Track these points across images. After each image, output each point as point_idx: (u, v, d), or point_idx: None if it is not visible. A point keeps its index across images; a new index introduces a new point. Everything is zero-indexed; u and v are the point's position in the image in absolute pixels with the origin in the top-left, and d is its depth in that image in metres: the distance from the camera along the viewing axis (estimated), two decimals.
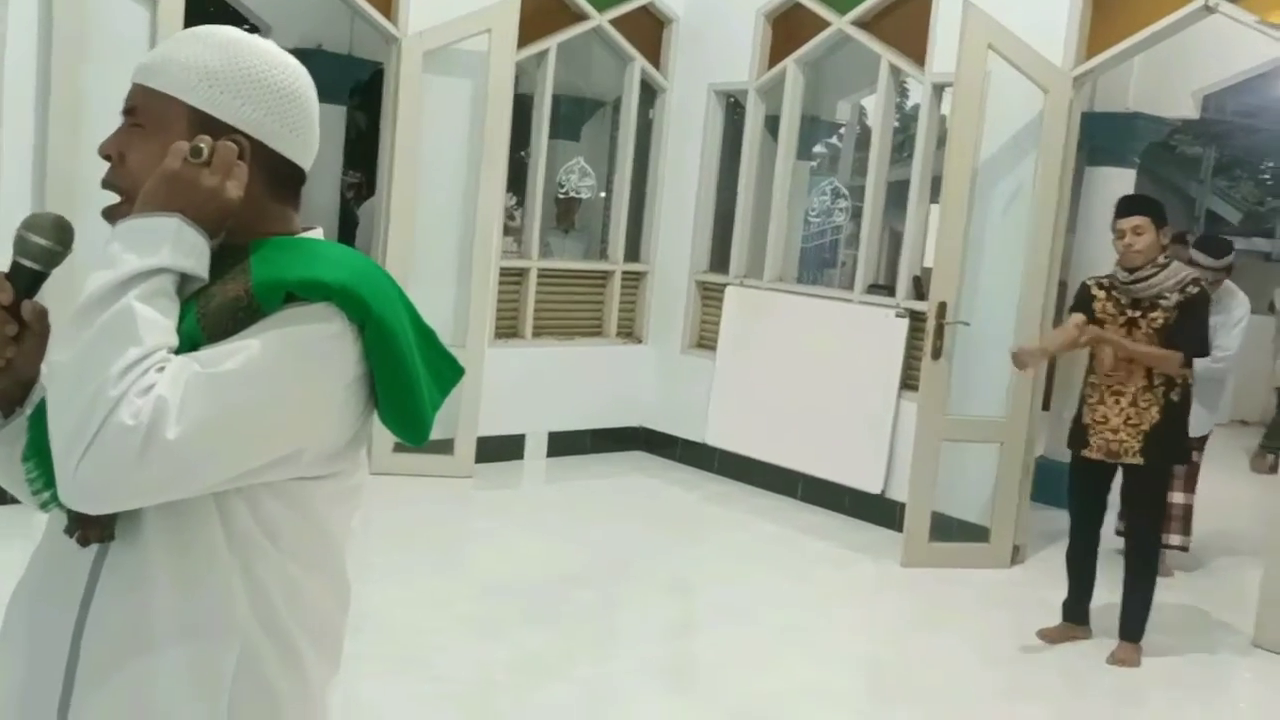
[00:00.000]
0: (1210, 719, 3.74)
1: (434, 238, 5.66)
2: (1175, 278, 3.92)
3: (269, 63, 1.21)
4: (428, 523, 5.03)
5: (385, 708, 3.17)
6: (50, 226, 1.20)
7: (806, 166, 6.78)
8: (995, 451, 5.02)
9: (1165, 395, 3.91)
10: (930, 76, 5.47)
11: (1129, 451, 3.93)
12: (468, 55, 5.62)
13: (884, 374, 5.54)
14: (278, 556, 1.17)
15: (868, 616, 4.49)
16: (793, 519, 5.60)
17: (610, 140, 6.96)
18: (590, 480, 6.10)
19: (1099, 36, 4.93)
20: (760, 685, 3.61)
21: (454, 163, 5.69)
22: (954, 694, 3.69)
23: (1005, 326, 4.98)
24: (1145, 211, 3.97)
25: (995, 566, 4.99)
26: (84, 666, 1.14)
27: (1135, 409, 3.92)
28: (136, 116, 1.20)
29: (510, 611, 4.07)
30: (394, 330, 1.14)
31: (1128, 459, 3.95)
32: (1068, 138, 4.94)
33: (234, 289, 1.12)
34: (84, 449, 1.01)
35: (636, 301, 6.77)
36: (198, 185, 1.12)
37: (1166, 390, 3.91)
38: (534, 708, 3.31)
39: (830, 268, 8.71)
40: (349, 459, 1.20)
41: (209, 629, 1.14)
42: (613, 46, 6.45)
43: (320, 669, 1.24)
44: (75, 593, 1.16)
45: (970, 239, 4.93)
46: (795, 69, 6.06)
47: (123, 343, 1.04)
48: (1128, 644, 4.05)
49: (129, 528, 1.14)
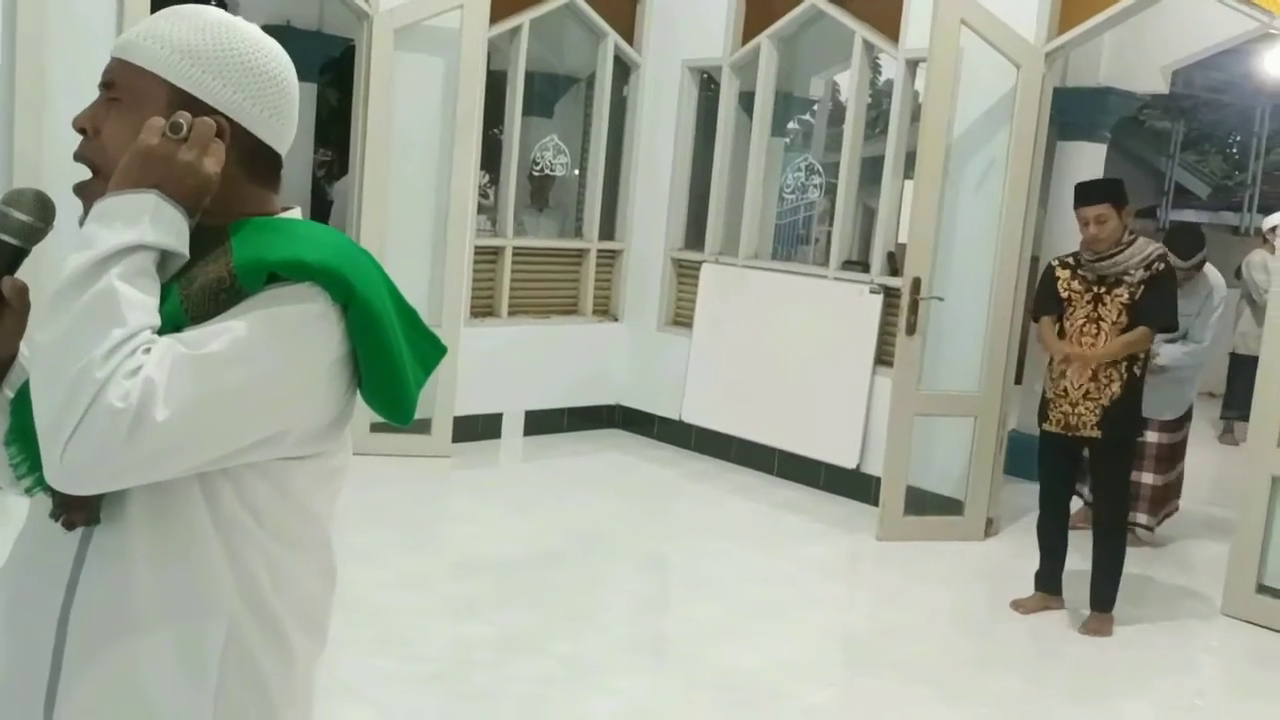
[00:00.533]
0: (1179, 686, 3.80)
1: (407, 216, 5.62)
2: (1140, 254, 3.94)
3: (253, 46, 1.20)
4: (405, 502, 5.02)
5: (364, 687, 3.18)
6: (32, 202, 1.19)
7: (781, 143, 6.78)
8: (969, 426, 5.06)
9: (1128, 369, 3.96)
10: (904, 52, 5.48)
11: (1086, 425, 3.99)
12: (440, 32, 5.56)
13: (859, 350, 5.57)
14: (263, 537, 1.17)
15: (844, 590, 4.53)
16: (769, 494, 5.63)
17: (584, 117, 6.93)
18: (567, 458, 6.11)
19: (1071, 12, 4.95)
20: (737, 659, 3.64)
21: (427, 141, 5.64)
22: (929, 665, 3.73)
23: (979, 301, 5.02)
24: (1105, 198, 3.96)
25: (969, 539, 5.05)
26: (71, 649, 1.14)
27: (1095, 384, 3.97)
28: (114, 91, 1.19)
29: (488, 589, 4.08)
30: (377, 310, 1.14)
31: (1085, 433, 4.00)
32: (1040, 113, 4.97)
33: (216, 270, 1.12)
34: (71, 431, 1.01)
35: (612, 279, 6.76)
36: (175, 160, 1.11)
37: (1129, 364, 3.96)
38: (513, 684, 3.32)
39: (805, 244, 8.72)
40: (333, 439, 1.20)
41: (195, 610, 1.14)
42: (586, 22, 6.41)
43: (306, 648, 1.24)
44: (61, 576, 1.15)
45: (944, 214, 4.95)
46: (769, 45, 6.05)
47: (107, 324, 1.03)
48: (1099, 614, 4.11)
49: (114, 510, 1.13)
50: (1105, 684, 3.71)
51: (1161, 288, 3.94)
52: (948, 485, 5.19)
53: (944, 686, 3.58)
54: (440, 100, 5.63)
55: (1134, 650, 4.01)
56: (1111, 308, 3.97)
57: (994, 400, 5.03)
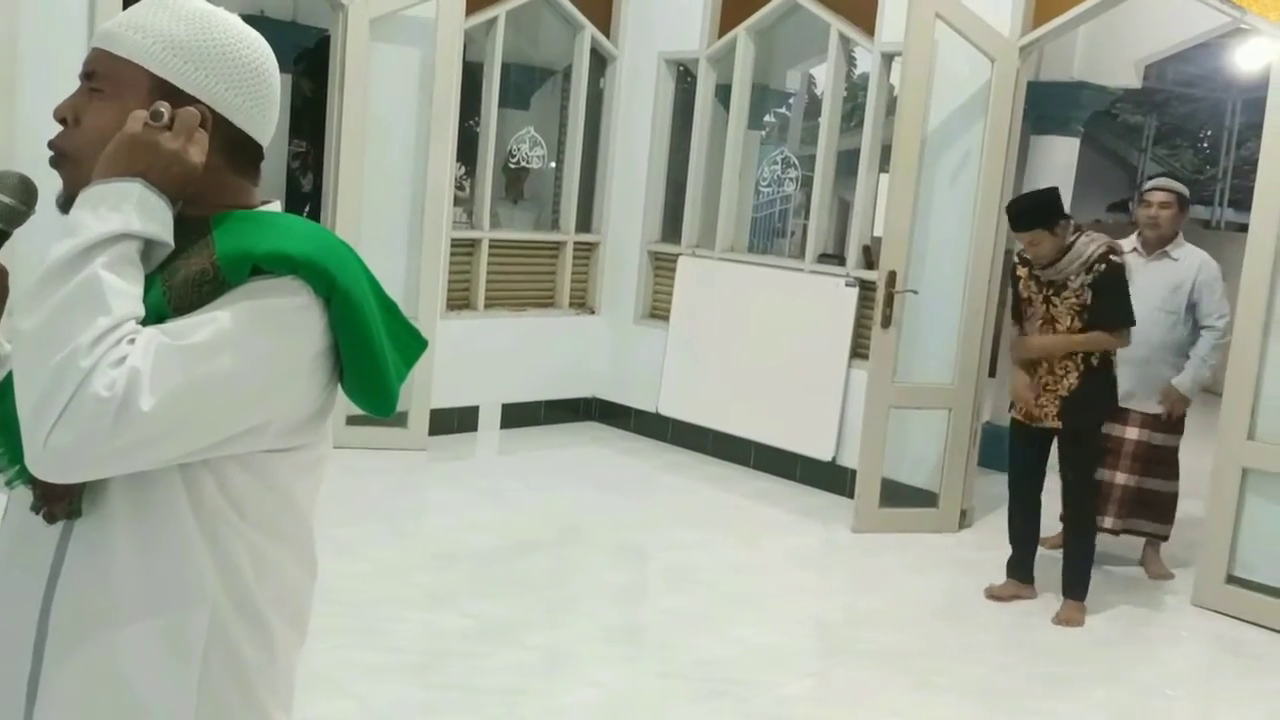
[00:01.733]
0: (1150, 675, 3.85)
1: (383, 209, 5.59)
2: (1080, 259, 3.98)
3: (235, 37, 1.21)
4: (382, 495, 5.01)
5: (341, 678, 3.18)
6: (15, 185, 1.19)
7: (757, 136, 6.80)
8: (943, 418, 5.10)
9: (1085, 360, 4.02)
10: (879, 46, 5.50)
11: (1047, 415, 4.08)
12: (415, 22, 5.54)
13: (834, 342, 5.60)
14: (245, 528, 1.17)
15: (819, 581, 4.56)
16: (745, 486, 5.66)
17: (561, 109, 6.91)
18: (544, 451, 6.11)
19: (1044, 6, 4.98)
20: (713, 649, 3.66)
21: (402, 132, 5.62)
22: (904, 654, 3.77)
23: (954, 295, 5.05)
24: (1033, 225, 3.98)
25: (944, 530, 5.09)
26: (53, 641, 1.14)
27: (1053, 376, 4.05)
28: (95, 81, 1.18)
29: (464, 581, 4.08)
30: (359, 303, 1.15)
31: (1046, 423, 4.09)
32: (1014, 107, 5.00)
33: (198, 263, 1.12)
34: (55, 419, 1.01)
35: (589, 272, 6.76)
36: (159, 149, 1.12)
37: (1086, 355, 4.01)
38: (489, 675, 3.33)
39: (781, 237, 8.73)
40: (314, 431, 1.20)
41: (177, 601, 1.14)
42: (562, 14, 6.39)
43: (288, 639, 1.25)
44: (42, 568, 1.15)
45: (919, 208, 4.98)
46: (746, 38, 6.06)
47: (92, 312, 1.03)
48: (1071, 603, 4.16)
49: (95, 502, 1.14)
50: (1077, 672, 3.75)
51: (1110, 289, 3.98)
52: (922, 477, 5.23)
53: (919, 675, 3.61)
54: (416, 91, 5.61)
55: (1106, 640, 4.06)
56: (1063, 310, 4.04)
57: (968, 393, 5.07)
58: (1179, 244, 4.70)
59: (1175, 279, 4.61)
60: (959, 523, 5.16)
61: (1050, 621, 4.12)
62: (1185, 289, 4.60)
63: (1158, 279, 4.61)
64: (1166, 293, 4.60)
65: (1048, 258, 4.01)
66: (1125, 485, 4.67)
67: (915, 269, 5.01)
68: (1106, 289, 3.98)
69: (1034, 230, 3.98)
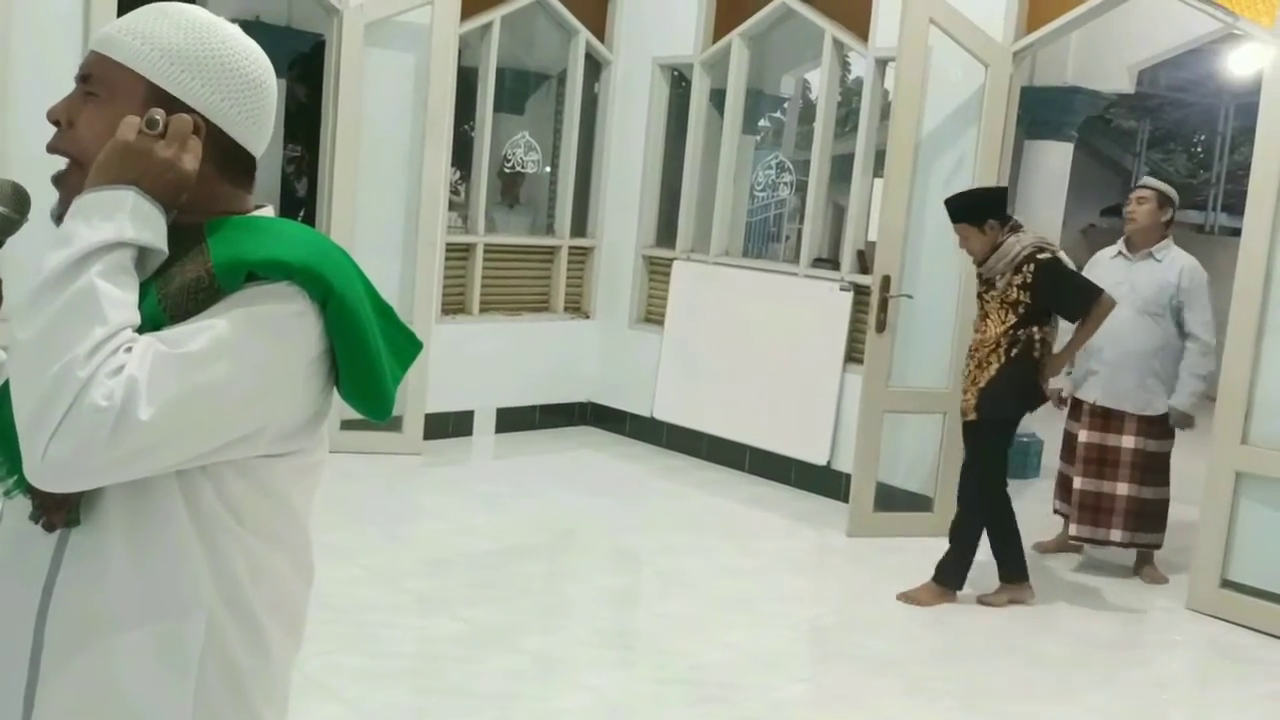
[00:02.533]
0: (1142, 679, 3.85)
1: (378, 213, 5.59)
2: (1006, 258, 4.08)
3: (234, 49, 1.21)
4: (376, 499, 5.00)
5: (334, 684, 3.17)
6: (8, 194, 1.19)
7: (751, 140, 6.81)
8: (938, 422, 5.10)
9: (1007, 354, 4.10)
10: (873, 51, 5.51)
11: (969, 409, 4.18)
12: (410, 27, 5.54)
13: (829, 347, 5.60)
14: (242, 533, 1.17)
15: (813, 585, 4.56)
16: (740, 491, 5.66)
17: (555, 114, 6.92)
18: (538, 455, 6.11)
19: (1038, 12, 5.00)
20: (707, 654, 3.66)
21: (397, 137, 5.62)
22: (897, 658, 3.76)
23: (948, 299, 5.06)
24: (961, 219, 4.17)
25: (939, 535, 5.07)
26: (49, 650, 1.14)
27: (981, 370, 4.16)
28: (91, 85, 1.18)
29: (458, 586, 4.08)
30: (354, 308, 1.16)
31: (969, 416, 4.19)
32: (1008, 112, 5.01)
33: (194, 270, 1.12)
34: (53, 429, 1.01)
35: (584, 276, 6.76)
36: (153, 156, 1.12)
37: (1009, 348, 4.10)
38: (483, 680, 3.32)
39: (775, 242, 8.75)
40: (310, 436, 1.21)
41: (174, 608, 1.14)
42: (557, 19, 6.40)
43: (283, 644, 1.25)
44: (38, 577, 1.15)
45: (913, 212, 4.99)
46: (740, 43, 6.07)
47: (88, 322, 1.04)
48: (931, 584, 4.23)
49: (92, 510, 1.14)
50: (1069, 677, 3.75)
51: (1053, 282, 4.04)
52: (917, 481, 5.23)
53: (912, 679, 3.61)
54: (411, 96, 5.61)
55: (1098, 644, 4.06)
56: (993, 306, 4.15)
57: (962, 397, 5.06)
58: (1165, 246, 4.67)
59: (1159, 280, 4.59)
60: None
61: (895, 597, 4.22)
62: (1168, 290, 4.56)
63: (1142, 280, 4.62)
64: (1150, 293, 4.58)
65: (977, 254, 4.17)
66: (1129, 496, 4.66)
67: (909, 273, 5.01)
68: (1050, 287, 4.03)
69: (960, 224, 4.17)
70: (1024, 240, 4.09)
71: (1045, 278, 4.03)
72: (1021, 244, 4.07)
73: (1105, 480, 4.68)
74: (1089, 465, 4.72)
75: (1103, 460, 4.71)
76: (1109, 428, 4.68)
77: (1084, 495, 4.72)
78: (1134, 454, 4.64)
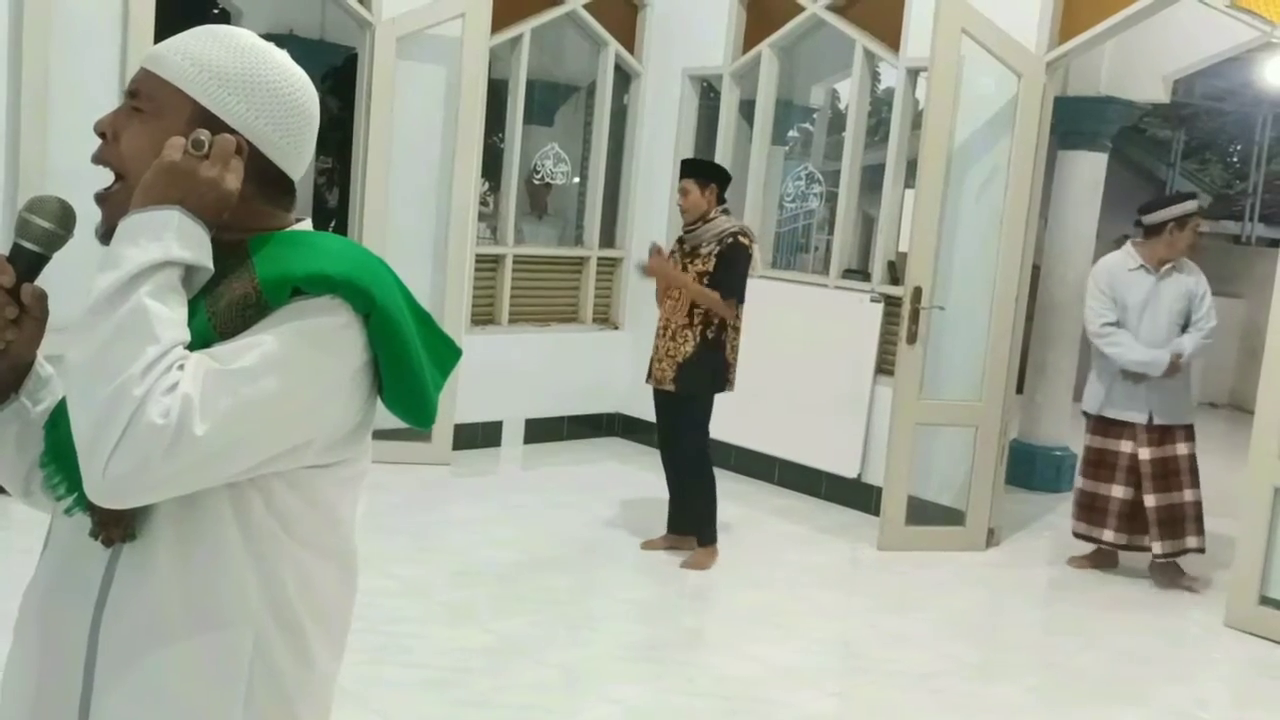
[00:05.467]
0: (1181, 697, 3.79)
1: (408, 224, 5.62)
2: (715, 231, 4.44)
3: (281, 75, 1.23)
4: (406, 509, 5.02)
5: (366, 694, 3.17)
6: (54, 210, 1.20)
7: (781, 151, 6.79)
8: (970, 435, 5.05)
9: (701, 333, 4.43)
10: (905, 61, 5.49)
11: (666, 379, 4.50)
12: (441, 40, 5.58)
13: (859, 358, 5.57)
14: (290, 545, 1.20)
15: (843, 600, 4.52)
16: (769, 503, 5.62)
17: (584, 126, 6.94)
18: (567, 466, 6.11)
19: (1072, 21, 4.95)
20: (736, 667, 3.63)
21: (428, 149, 5.65)
22: (929, 674, 3.72)
23: (980, 311, 5.01)
24: (691, 173, 4.53)
25: (971, 549, 5.04)
26: (103, 663, 1.16)
27: (674, 343, 4.48)
28: (138, 100, 1.20)
29: (487, 597, 4.07)
30: (396, 319, 1.18)
31: (665, 385, 4.51)
32: (1041, 122, 4.97)
33: (240, 287, 1.15)
34: (112, 448, 1.03)
35: (612, 287, 6.76)
36: (197, 176, 1.13)
37: (703, 329, 4.42)
38: (511, 692, 3.32)
39: (805, 253, 8.72)
40: (355, 446, 1.23)
41: (224, 620, 1.17)
42: (587, 31, 6.42)
43: (328, 656, 1.27)
44: (90, 591, 1.18)
45: (945, 223, 4.95)
46: (770, 53, 6.05)
47: (141, 341, 1.06)
48: (702, 549, 4.56)
49: (143, 525, 1.16)
50: (1106, 694, 3.70)
51: (729, 263, 4.40)
52: (949, 495, 5.18)
53: (944, 695, 3.57)
54: (442, 108, 5.64)
55: (1136, 661, 4.00)
56: (691, 274, 4.45)
57: (995, 410, 5.02)
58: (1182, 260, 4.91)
59: (1185, 289, 4.80)
60: (986, 541, 5.11)
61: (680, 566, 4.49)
62: (1192, 297, 4.81)
63: (1170, 293, 4.79)
64: (1181, 304, 4.80)
65: (689, 213, 4.49)
66: (1195, 502, 4.74)
67: (941, 285, 4.97)
68: (728, 263, 4.40)
69: (686, 179, 4.51)
70: (735, 223, 4.52)
71: (732, 253, 4.40)
72: (732, 224, 4.48)
73: (1173, 491, 4.74)
74: (1158, 481, 4.73)
75: (1167, 473, 4.75)
76: (1165, 440, 4.76)
77: (1159, 511, 4.72)
78: (1189, 460, 4.78)
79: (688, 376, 4.46)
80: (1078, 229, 6.39)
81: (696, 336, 4.43)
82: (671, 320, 4.50)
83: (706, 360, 4.44)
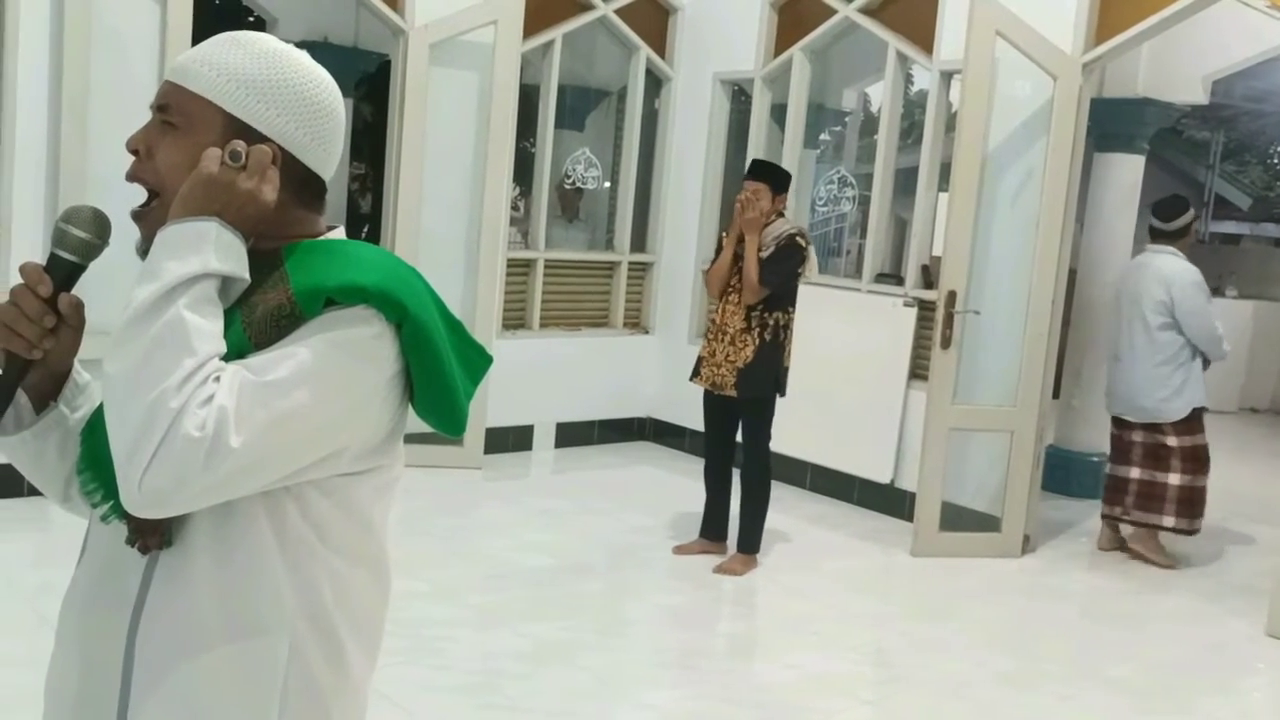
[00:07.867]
0: (1224, 707, 3.72)
1: (440, 229, 5.65)
2: (775, 234, 4.42)
3: (306, 77, 1.23)
4: (437, 513, 5.03)
5: (399, 697, 3.18)
6: (89, 219, 1.21)
7: (813, 155, 6.76)
8: (1005, 441, 5.00)
9: (760, 335, 4.43)
10: (938, 64, 5.44)
11: (726, 384, 4.48)
12: (474, 47, 5.60)
13: (893, 363, 5.53)
14: (325, 553, 1.20)
15: (877, 606, 4.49)
16: (801, 508, 5.59)
17: (615, 130, 6.94)
18: (598, 471, 6.10)
19: (1108, 22, 4.90)
20: (768, 674, 3.61)
21: (460, 154, 5.68)
22: (965, 682, 3.68)
23: (1015, 315, 4.96)
24: (765, 178, 4.46)
25: (1006, 556, 4.98)
26: (139, 671, 1.17)
27: (733, 347, 4.45)
28: (168, 115, 1.21)
29: (519, 601, 4.08)
30: (428, 327, 1.18)
31: (726, 391, 4.49)
32: (1077, 124, 4.91)
33: (275, 298, 1.16)
34: (149, 459, 1.04)
35: (643, 292, 6.76)
36: (235, 189, 1.14)
37: (761, 331, 4.42)
38: (544, 696, 3.31)
39: (837, 256, 8.68)
40: (388, 453, 1.24)
41: (259, 627, 1.17)
42: (618, 36, 6.43)
43: (362, 663, 1.28)
44: (127, 599, 1.19)
45: (979, 227, 4.91)
46: (801, 57, 6.03)
47: (178, 353, 1.07)
48: (741, 555, 4.56)
49: (179, 533, 1.17)
50: (1146, 704, 3.64)
51: (777, 258, 4.38)
52: (984, 501, 5.13)
53: (980, 704, 3.53)
54: (474, 114, 5.66)
55: (1178, 670, 3.94)
56: None
57: (1030, 415, 4.96)
58: None
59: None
60: (1022, 548, 5.05)
61: (712, 571, 4.48)
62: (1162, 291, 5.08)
63: None
64: None
65: (761, 218, 4.40)
66: (1180, 485, 4.98)
67: (976, 289, 4.93)
68: (778, 258, 4.38)
69: (760, 182, 4.43)
70: (792, 225, 4.50)
71: (783, 250, 4.38)
72: (789, 226, 4.46)
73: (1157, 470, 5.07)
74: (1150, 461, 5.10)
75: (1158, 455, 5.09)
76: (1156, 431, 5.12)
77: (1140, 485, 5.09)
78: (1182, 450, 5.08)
79: (750, 381, 4.44)
80: (1114, 232, 6.31)
81: (756, 340, 4.42)
82: (730, 324, 4.47)
83: (768, 364, 4.43)
